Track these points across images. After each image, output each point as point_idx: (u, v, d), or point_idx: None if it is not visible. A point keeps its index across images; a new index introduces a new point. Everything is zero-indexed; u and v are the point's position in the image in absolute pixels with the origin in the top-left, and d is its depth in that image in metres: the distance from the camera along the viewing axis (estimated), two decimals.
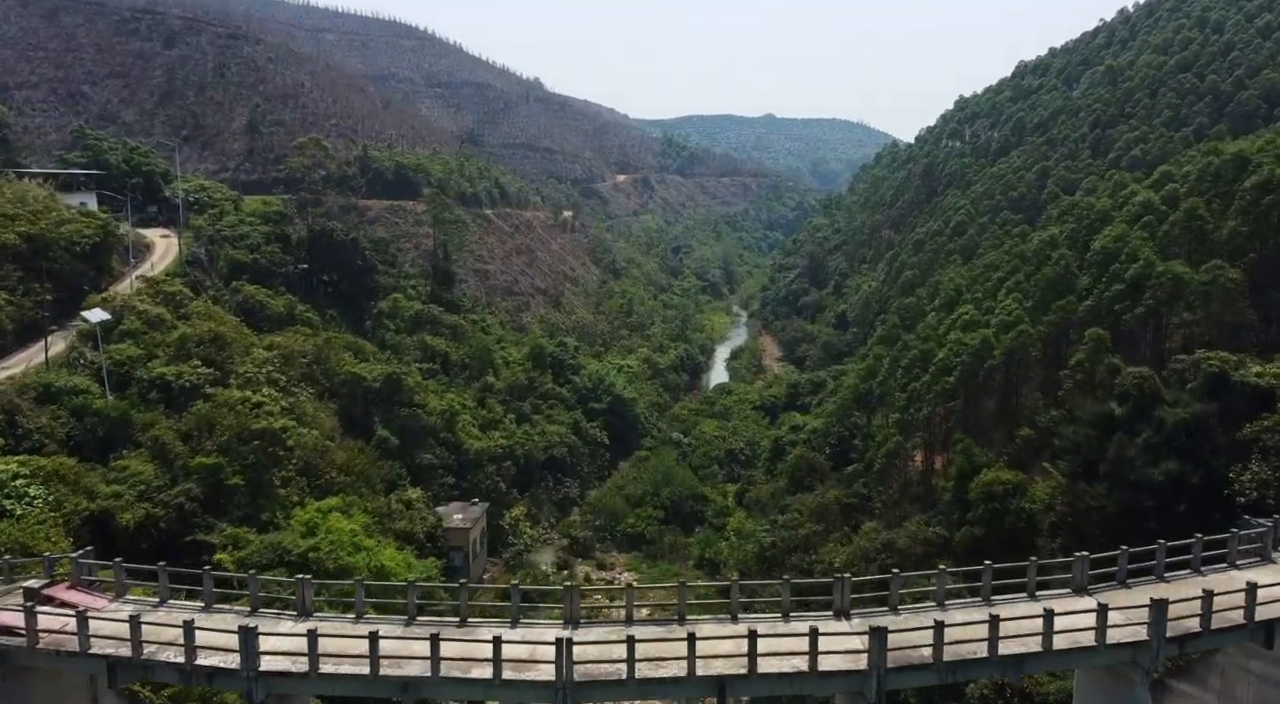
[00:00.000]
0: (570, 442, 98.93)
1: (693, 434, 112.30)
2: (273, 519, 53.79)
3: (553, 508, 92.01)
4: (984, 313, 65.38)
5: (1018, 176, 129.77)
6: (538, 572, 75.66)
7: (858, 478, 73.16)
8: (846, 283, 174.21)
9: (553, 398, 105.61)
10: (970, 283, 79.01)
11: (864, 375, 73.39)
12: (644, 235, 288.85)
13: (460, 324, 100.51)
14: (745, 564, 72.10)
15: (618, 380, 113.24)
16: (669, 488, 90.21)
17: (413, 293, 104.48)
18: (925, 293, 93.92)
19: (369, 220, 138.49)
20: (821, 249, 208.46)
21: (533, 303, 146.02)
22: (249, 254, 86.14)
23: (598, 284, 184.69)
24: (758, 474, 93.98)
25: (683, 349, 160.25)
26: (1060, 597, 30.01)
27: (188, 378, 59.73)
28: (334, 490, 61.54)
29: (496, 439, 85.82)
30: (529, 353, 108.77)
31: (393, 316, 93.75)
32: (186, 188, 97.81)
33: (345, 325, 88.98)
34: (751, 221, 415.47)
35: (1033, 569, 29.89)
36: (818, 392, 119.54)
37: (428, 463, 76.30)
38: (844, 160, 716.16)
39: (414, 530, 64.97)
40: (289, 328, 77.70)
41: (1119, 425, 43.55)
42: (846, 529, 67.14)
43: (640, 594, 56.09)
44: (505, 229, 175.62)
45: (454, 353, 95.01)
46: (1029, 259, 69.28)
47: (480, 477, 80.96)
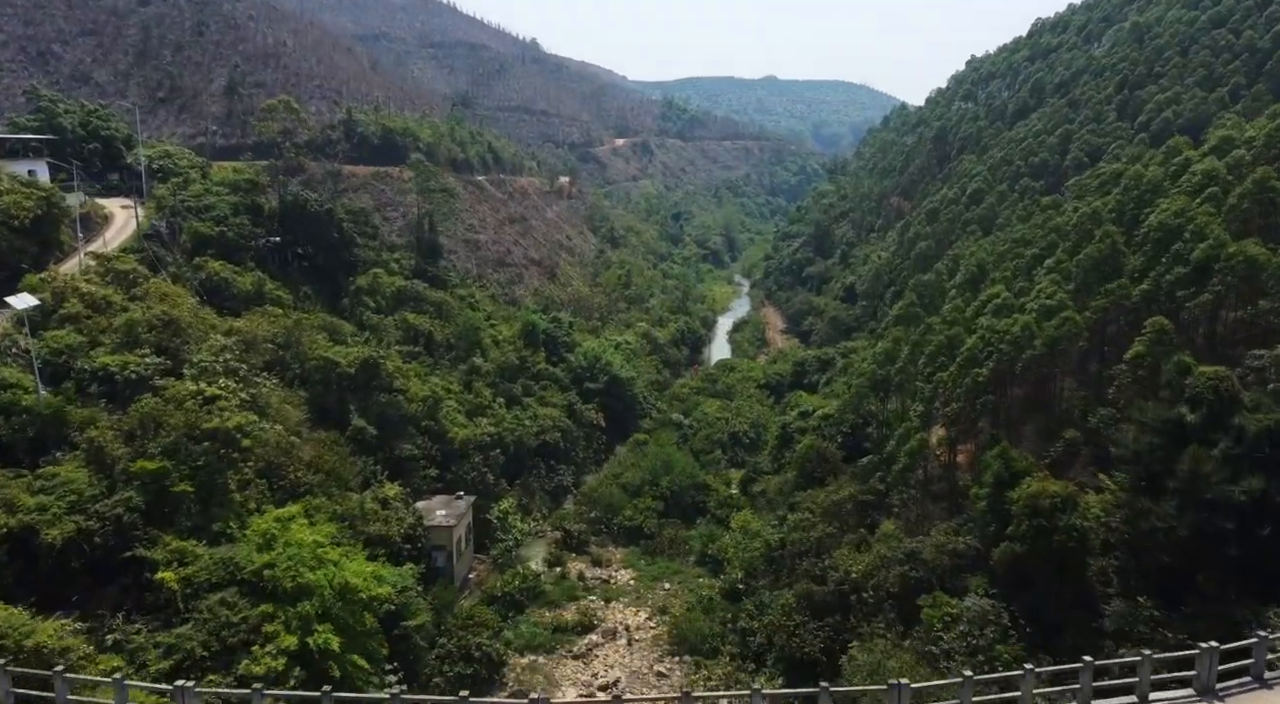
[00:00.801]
0: (564, 425, 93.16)
1: (694, 415, 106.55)
2: (225, 530, 48.04)
3: (545, 497, 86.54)
4: (1017, 295, 59.13)
5: (1038, 141, 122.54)
6: (528, 571, 70.27)
7: (873, 471, 67.40)
8: (853, 252, 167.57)
9: (545, 378, 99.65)
10: (997, 259, 72.58)
11: (881, 360, 67.27)
12: (643, 202, 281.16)
13: (446, 301, 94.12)
14: (751, 564, 66.65)
15: (615, 358, 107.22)
16: (668, 477, 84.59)
17: (396, 267, 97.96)
18: (944, 268, 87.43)
19: (353, 188, 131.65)
20: (827, 217, 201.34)
21: (526, 275, 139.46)
22: (215, 227, 79.56)
23: (595, 254, 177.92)
24: (763, 460, 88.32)
25: (683, 322, 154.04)
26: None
27: (134, 369, 53.67)
28: (300, 492, 55.79)
29: (484, 426, 79.96)
30: (520, 330, 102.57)
31: (373, 293, 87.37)
32: (150, 154, 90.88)
33: (321, 303, 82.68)
34: (753, 187, 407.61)
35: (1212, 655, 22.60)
36: (825, 370, 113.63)
37: (408, 454, 70.49)
38: (847, 123, 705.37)
39: (390, 533, 59.29)
40: (256, 308, 71.40)
41: (1191, 433, 37.58)
42: (862, 530, 61.53)
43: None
44: (498, 196, 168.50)
45: (439, 332, 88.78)
46: (1065, 234, 62.85)
47: (466, 468, 75.22)
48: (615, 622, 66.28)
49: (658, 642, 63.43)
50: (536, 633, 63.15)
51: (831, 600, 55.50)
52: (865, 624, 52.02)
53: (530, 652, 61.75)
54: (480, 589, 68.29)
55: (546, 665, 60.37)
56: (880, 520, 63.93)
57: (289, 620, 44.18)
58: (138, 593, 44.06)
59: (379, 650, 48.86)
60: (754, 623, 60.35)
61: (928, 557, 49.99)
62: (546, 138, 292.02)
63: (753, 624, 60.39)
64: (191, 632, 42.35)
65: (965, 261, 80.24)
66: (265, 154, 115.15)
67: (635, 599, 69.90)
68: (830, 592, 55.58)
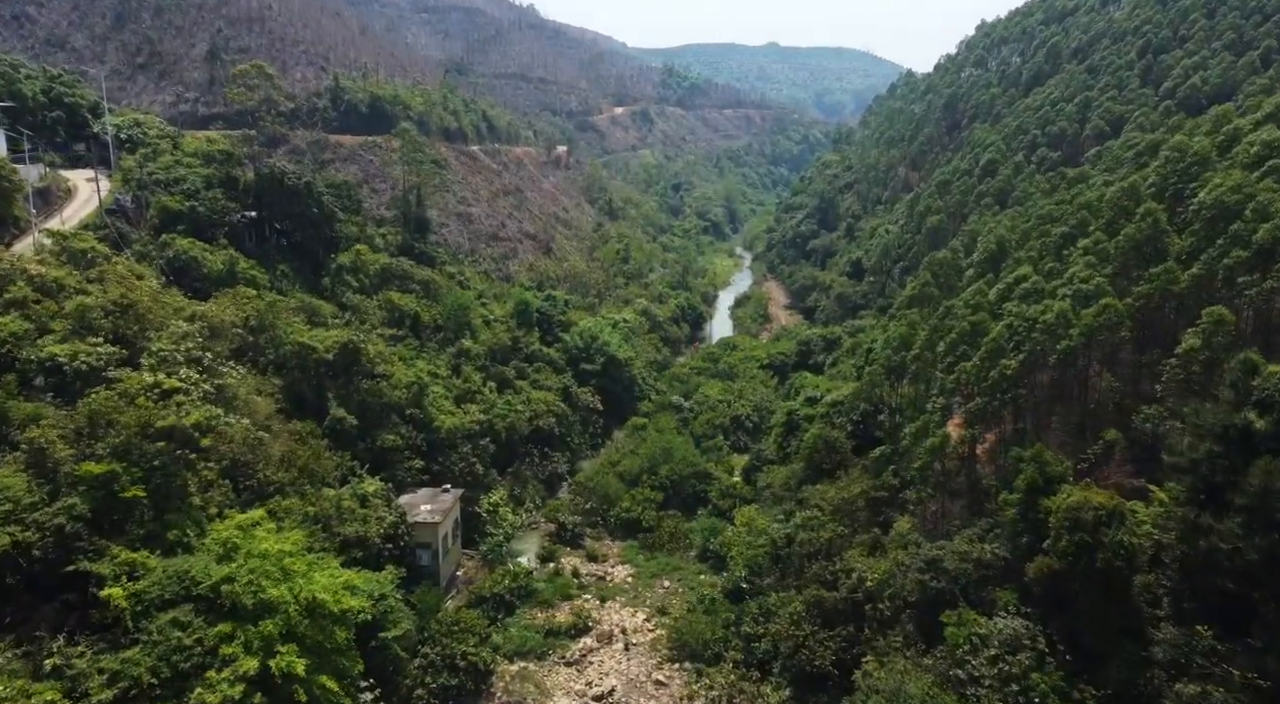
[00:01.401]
0: (559, 410, 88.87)
1: (695, 397, 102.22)
2: (182, 539, 43.80)
3: (538, 487, 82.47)
4: (1047, 277, 54.45)
5: (1055, 109, 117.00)
6: (518, 568, 66.29)
7: (886, 464, 63.19)
8: (859, 225, 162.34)
9: (539, 360, 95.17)
10: (1020, 237, 67.71)
11: (896, 345, 62.70)
12: (642, 172, 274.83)
13: (433, 279, 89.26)
14: (755, 562, 62.60)
15: (612, 338, 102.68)
16: (668, 465, 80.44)
17: (381, 243, 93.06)
18: (960, 245, 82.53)
19: (341, 158, 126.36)
20: (831, 188, 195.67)
21: (520, 250, 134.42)
22: (185, 201, 74.64)
23: (593, 227, 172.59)
24: (768, 447, 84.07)
25: (683, 298, 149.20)
26: None
27: (85, 359, 49.22)
28: (268, 493, 51.55)
29: (473, 413, 75.62)
30: (513, 310, 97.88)
31: (355, 272, 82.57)
32: (118, 123, 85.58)
33: (299, 283, 77.95)
34: (755, 156, 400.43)
35: None
36: (831, 349, 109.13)
37: (391, 445, 66.22)
38: (850, 91, 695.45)
39: (369, 534, 55.19)
40: (227, 290, 66.66)
41: (1259, 442, 33.17)
42: (876, 530, 57.46)
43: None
44: (493, 167, 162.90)
45: (425, 313, 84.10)
46: (1098, 211, 58.00)
47: (453, 458, 71.00)
48: (611, 624, 62.43)
49: (656, 646, 59.61)
50: (528, 637, 59.32)
51: (843, 608, 51.53)
52: (880, 637, 48.08)
53: (521, 658, 57.95)
54: (468, 589, 64.37)
55: (537, 673, 56.56)
56: (894, 518, 59.85)
57: (249, 641, 40.08)
58: (81, 611, 39.94)
59: (352, 667, 44.80)
60: (759, 628, 56.47)
61: (950, 565, 45.83)
62: (544, 106, 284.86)
63: (758, 629, 56.52)
64: (140, 655, 38.25)
65: (984, 239, 75.39)
66: (249, 123, 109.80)
67: (633, 598, 66.02)
68: (842, 599, 51.60)
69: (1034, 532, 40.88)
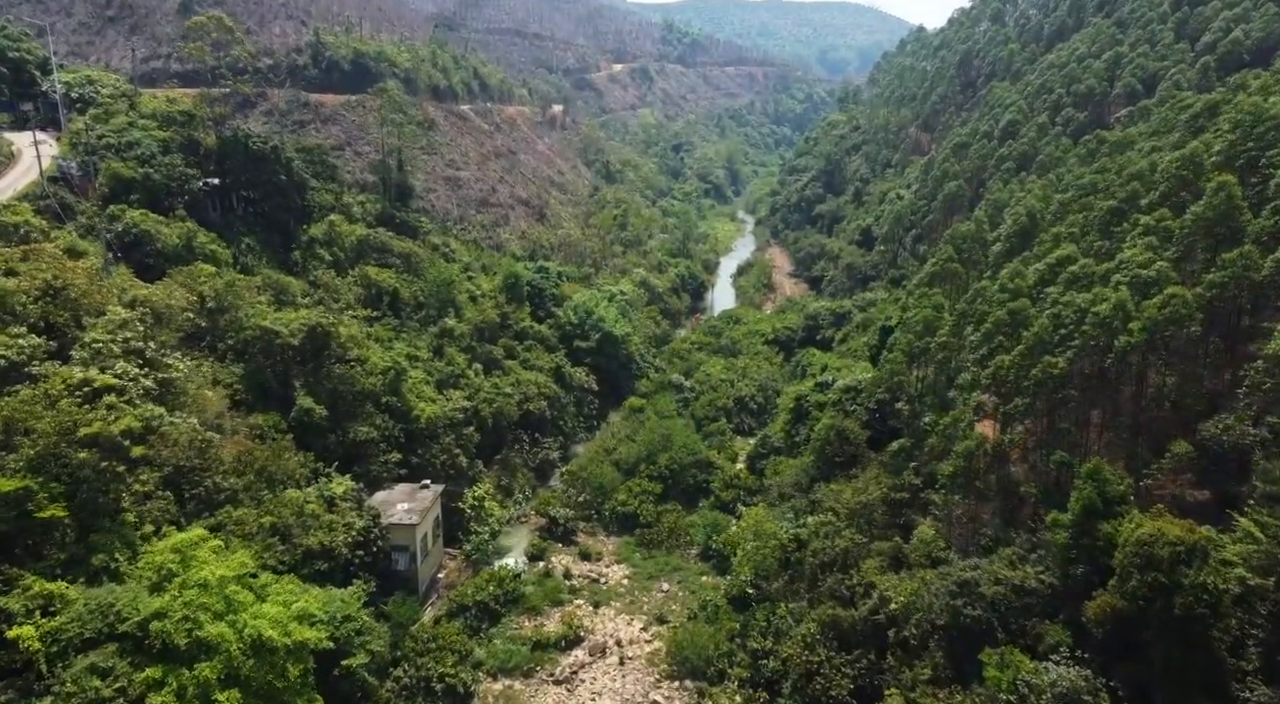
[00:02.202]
0: (550, 392, 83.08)
1: (695, 376, 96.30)
2: (109, 564, 38.28)
3: (528, 475, 77.01)
4: (1096, 258, 48.24)
5: (1082, 66, 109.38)
6: (505, 572, 60.95)
7: (905, 459, 57.57)
8: (868, 189, 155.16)
9: (530, 338, 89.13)
10: (1057, 210, 61.24)
11: (919, 329, 56.63)
12: (641, 132, 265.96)
13: (414, 252, 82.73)
14: (763, 568, 57.25)
15: (608, 313, 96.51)
16: (668, 453, 74.80)
17: (360, 212, 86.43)
18: (985, 216, 75.97)
19: (322, 119, 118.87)
20: (838, 150, 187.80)
21: (512, 216, 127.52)
22: (138, 168, 68.09)
23: (589, 191, 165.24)
24: (774, 433, 78.42)
25: (684, 267, 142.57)
26: None
27: (3, 353, 43.22)
28: (218, 502, 45.93)
29: (456, 400, 69.78)
30: (502, 283, 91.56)
31: (329, 244, 76.18)
32: (69, 80, 78.49)
33: (267, 258, 71.65)
34: (757, 115, 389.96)
35: None
36: (840, 324, 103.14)
37: (365, 438, 60.47)
38: (854, 47, 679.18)
39: (335, 543, 49.67)
40: (183, 267, 60.44)
41: None
42: (896, 537, 52.00)
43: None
44: (484, 128, 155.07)
45: (406, 290, 77.85)
46: (1151, 182, 51.60)
47: (434, 450, 65.36)
48: (605, 634, 57.25)
49: (654, 661, 54.45)
50: (513, 651, 54.15)
51: (863, 630, 46.24)
52: (906, 667, 42.78)
53: (506, 675, 52.83)
54: (449, 595, 59.10)
55: (523, 693, 51.46)
56: (915, 521, 54.44)
57: (183, 688, 34.78)
58: None
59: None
60: (767, 642, 51.33)
61: (986, 590, 40.33)
62: (539, 63, 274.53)
63: (765, 643, 51.38)
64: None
65: (1012, 210, 68.92)
66: (226, 82, 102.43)
67: (629, 604, 60.81)
68: (861, 620, 46.26)
69: (1091, 561, 35.31)
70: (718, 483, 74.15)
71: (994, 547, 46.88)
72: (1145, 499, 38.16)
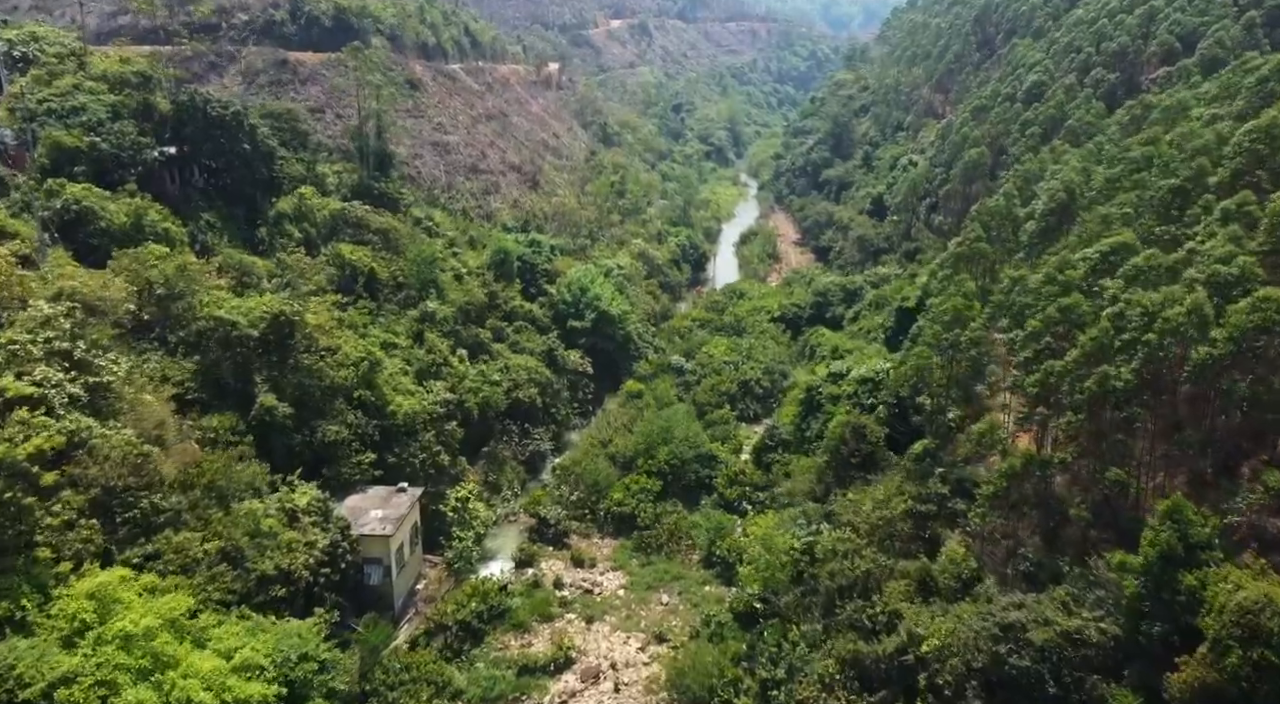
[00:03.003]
0: (542, 377, 77.42)
1: (697, 358, 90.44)
2: (14, 613, 32.82)
3: (518, 469, 71.71)
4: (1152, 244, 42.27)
5: (1113, 22, 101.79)
6: (489, 585, 55.78)
7: (930, 463, 52.09)
8: (878, 154, 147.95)
9: (520, 318, 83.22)
10: (1104, 187, 54.94)
11: (948, 320, 50.77)
12: (641, 92, 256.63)
13: (394, 228, 76.24)
14: (773, 583, 52.05)
15: (604, 291, 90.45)
16: (667, 447, 69.35)
17: (335, 182, 79.92)
18: (1014, 190, 69.52)
19: (301, 79, 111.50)
20: (845, 111, 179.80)
21: (503, 183, 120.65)
22: (84, 136, 61.61)
23: (585, 156, 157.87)
24: (782, 423, 72.94)
25: (684, 236, 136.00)
26: None
27: None
28: (157, 526, 40.41)
29: (438, 391, 64.14)
30: (490, 259, 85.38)
31: (299, 220, 69.84)
32: (10, 38, 71.39)
33: (229, 236, 65.36)
34: (760, 74, 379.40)
35: None
36: (851, 301, 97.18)
37: (335, 438, 54.91)
38: (859, 2, 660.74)
39: (295, 566, 44.33)
40: (130, 249, 54.33)
41: None
42: (922, 557, 46.74)
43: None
44: (475, 88, 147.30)
45: (383, 269, 71.69)
46: (1218, 156, 45.38)
47: (413, 449, 59.87)
48: (599, 655, 52.27)
49: (652, 687, 49.46)
50: (497, 679, 49.12)
51: (889, 670, 41.12)
52: None
53: None
54: (428, 611, 54.04)
55: None
56: (943, 535, 49.17)
57: None
58: None
59: None
60: (778, 671, 46.31)
61: (1036, 636, 35.00)
62: (534, 19, 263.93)
63: (776, 672, 46.38)
64: None
65: (1047, 185, 62.55)
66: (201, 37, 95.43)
67: (625, 619, 55.76)
68: (886, 659, 41.10)
69: (1169, 617, 29.84)
70: (721, 479, 68.85)
71: (1036, 573, 41.63)
72: (1228, 537, 32.70)
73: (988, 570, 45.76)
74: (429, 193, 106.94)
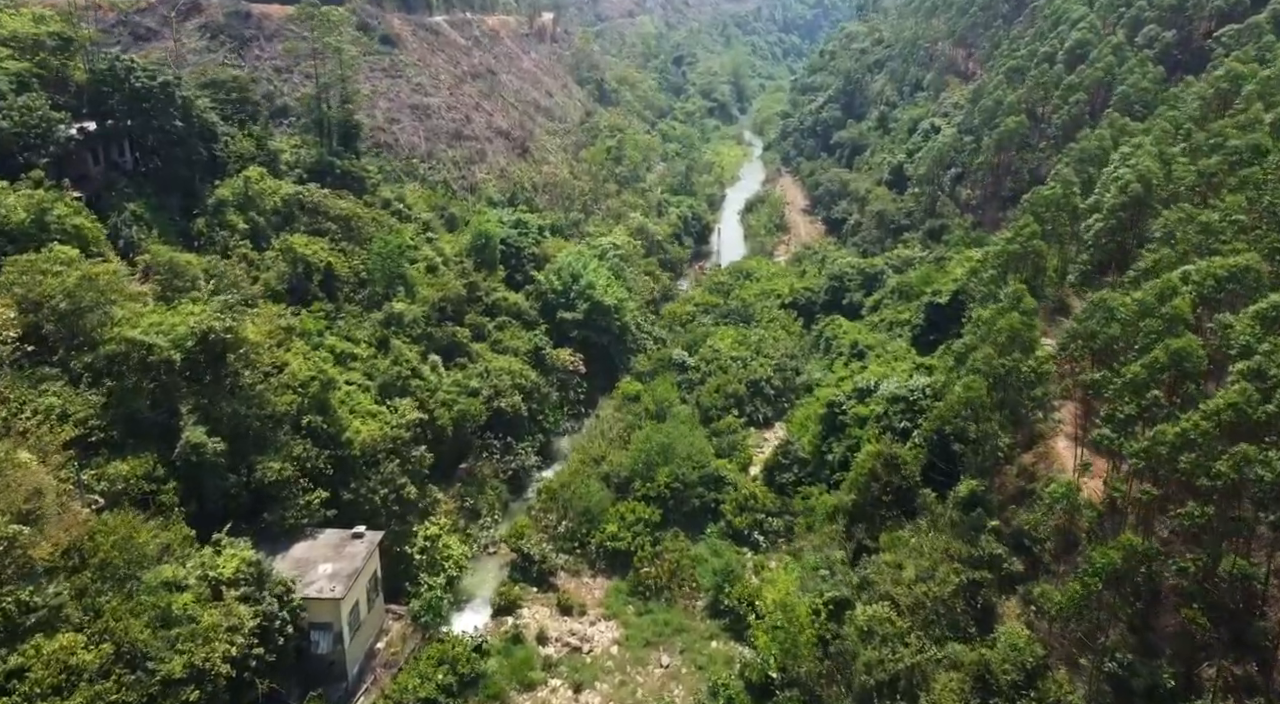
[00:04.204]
0: (527, 382, 68.93)
1: (701, 352, 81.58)
2: None
3: (500, 488, 63.65)
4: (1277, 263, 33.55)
5: None
6: (460, 647, 47.88)
7: (980, 512, 43.93)
8: (894, 115, 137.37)
9: (503, 312, 74.44)
10: (1196, 181, 45.64)
11: (1004, 339, 42.03)
12: (640, 43, 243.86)
13: (356, 214, 66.81)
14: (793, 651, 44.22)
15: (598, 277, 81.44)
16: (668, 467, 61.14)
17: (291, 160, 70.36)
18: (1073, 175, 60.06)
19: (266, 35, 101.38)
20: (858, 66, 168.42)
21: (489, 151, 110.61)
22: None
23: (580, 117, 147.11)
24: (799, 438, 64.69)
25: (686, 206, 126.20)
26: None
27: None
28: (24, 629, 32.13)
29: (405, 410, 55.67)
30: (470, 245, 76.20)
31: (245, 208, 60.48)
32: None
33: (160, 229, 56.20)
34: (765, 23, 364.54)
35: None
36: (871, 287, 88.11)
37: (278, 477, 46.52)
38: None
39: (212, 659, 36.25)
40: (28, 252, 45.41)
41: None
42: (973, 630, 38.85)
43: None
44: (460, 43, 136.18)
45: (343, 264, 62.64)
46: None
47: (373, 483, 51.59)
48: None
49: None
50: None
51: None
52: None
53: None
54: (389, 681, 46.22)
55: None
56: (999, 606, 41.30)
57: None
58: None
59: None
60: None
61: None
62: None
63: None
64: None
65: (1114, 174, 53.15)
66: None
67: (619, 685, 48.00)
68: None
69: None
70: (729, 504, 60.75)
71: (1126, 678, 33.59)
72: None
73: (1057, 658, 37.98)
74: (407, 162, 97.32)
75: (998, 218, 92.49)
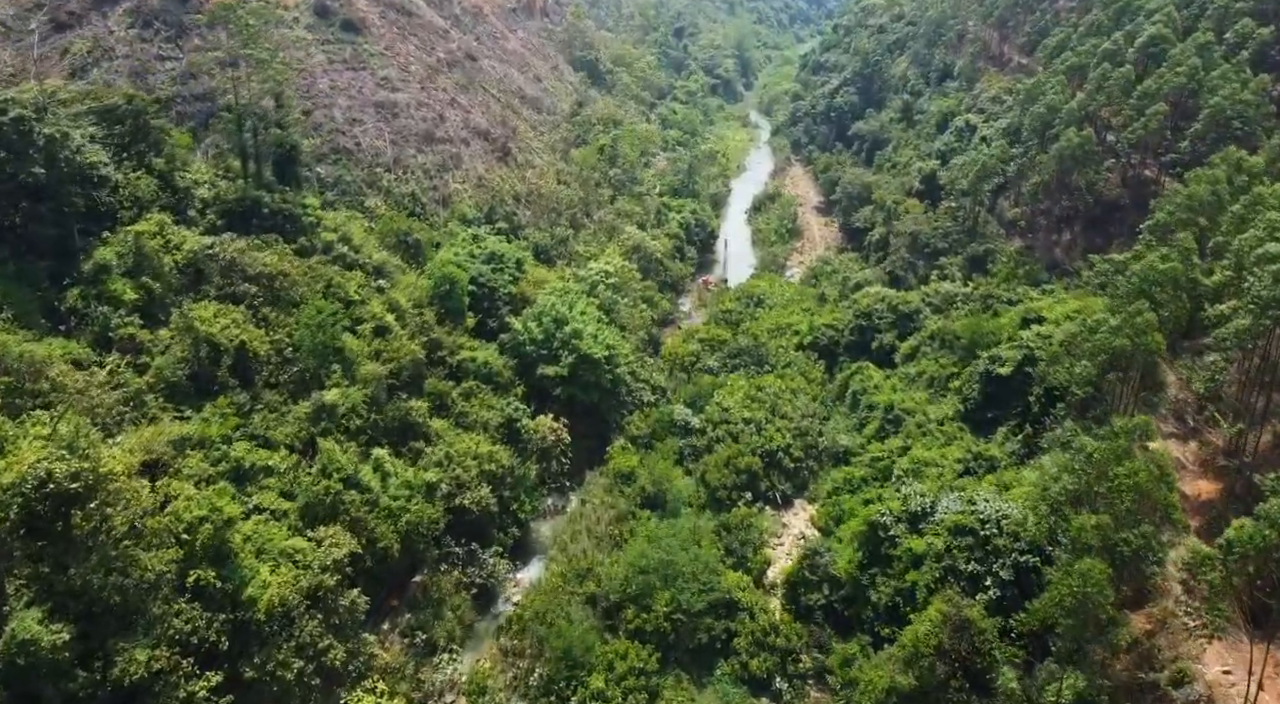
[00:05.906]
0: (498, 468, 56.91)
1: (708, 410, 69.16)
2: None
3: (463, 608, 51.81)
4: None
5: None
6: None
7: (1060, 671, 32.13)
8: (921, 106, 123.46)
9: (471, 375, 62.09)
10: None
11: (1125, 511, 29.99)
12: (638, 14, 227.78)
13: (282, 272, 53.83)
14: None
15: (586, 321, 68.99)
16: (669, 591, 49.33)
17: (207, 197, 57.37)
18: (1173, 219, 47.40)
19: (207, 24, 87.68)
20: (877, 47, 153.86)
21: (466, 155, 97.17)
22: None
23: (571, 107, 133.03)
24: (836, 551, 52.71)
25: (689, 210, 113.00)
26: None
27: None
28: None
29: (334, 540, 43.68)
30: (432, 290, 63.57)
31: (135, 273, 47.77)
32: None
33: (16, 309, 43.66)
34: None
35: None
36: (905, 328, 75.50)
37: (149, 670, 34.68)
38: None
39: None
40: None
41: None
42: None
43: None
44: (437, 25, 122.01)
45: (261, 342, 50.05)
46: None
47: (284, 651, 39.73)
48: None
49: None
50: None
51: None
52: None
53: None
54: None
55: None
56: None
57: None
58: None
59: None
60: None
61: None
62: None
63: None
64: None
65: (1246, 246, 40.56)
66: None
67: None
68: None
69: None
70: (745, 638, 49.07)
71: None
72: None
73: None
74: (369, 172, 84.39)
75: (1050, 243, 79.81)
